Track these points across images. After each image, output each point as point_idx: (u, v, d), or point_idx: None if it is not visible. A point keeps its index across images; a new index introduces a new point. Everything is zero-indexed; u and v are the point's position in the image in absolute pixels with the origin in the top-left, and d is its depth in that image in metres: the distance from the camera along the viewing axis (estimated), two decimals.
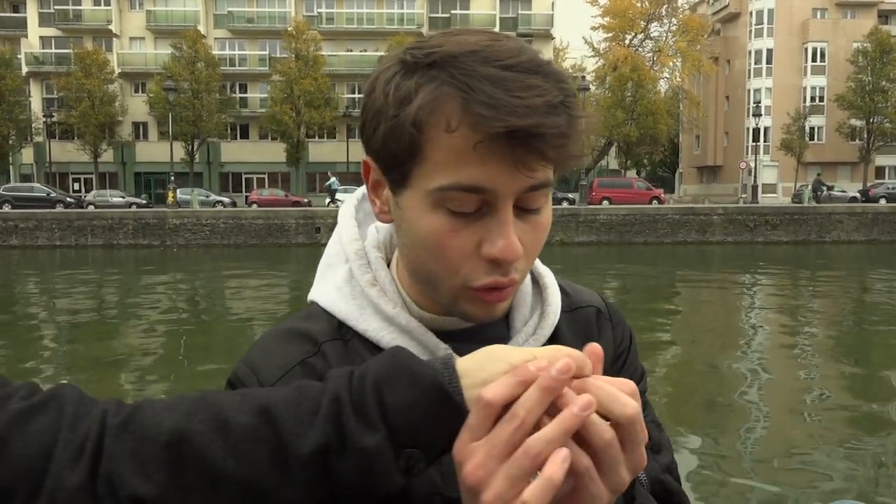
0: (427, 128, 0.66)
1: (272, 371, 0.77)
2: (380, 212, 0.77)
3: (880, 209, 30.83)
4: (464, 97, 0.64)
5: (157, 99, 39.93)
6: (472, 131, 0.64)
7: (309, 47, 41.36)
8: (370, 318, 0.79)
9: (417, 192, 0.69)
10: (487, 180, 0.66)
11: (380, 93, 0.69)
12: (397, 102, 0.67)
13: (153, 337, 10.16)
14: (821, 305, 13.38)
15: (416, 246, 0.72)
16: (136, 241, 27.62)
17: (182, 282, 17.60)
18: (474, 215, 0.68)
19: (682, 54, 46.33)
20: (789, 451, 5.17)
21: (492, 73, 0.64)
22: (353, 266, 0.83)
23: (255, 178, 47.75)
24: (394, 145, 0.68)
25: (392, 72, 0.69)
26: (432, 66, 0.66)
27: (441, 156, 0.66)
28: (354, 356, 0.77)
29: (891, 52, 42.59)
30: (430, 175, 0.67)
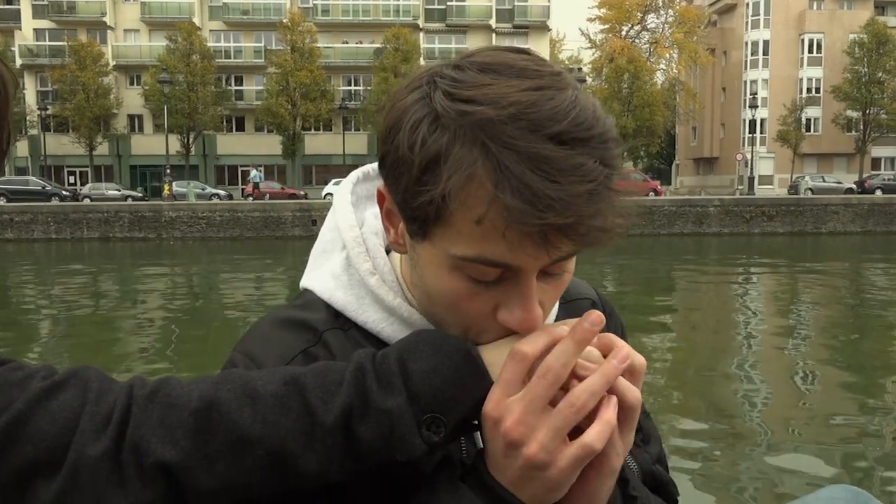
0: (454, 205, 0.60)
1: (272, 361, 0.73)
2: (394, 242, 0.73)
3: (876, 200, 30.89)
4: (498, 185, 0.58)
5: (153, 91, 39.75)
6: (503, 221, 0.59)
7: (304, 39, 41.20)
8: (369, 308, 0.76)
9: (437, 250, 0.65)
10: (514, 259, 0.62)
11: (405, 138, 0.62)
12: (423, 164, 0.61)
13: (150, 330, 10.15)
14: (816, 296, 13.42)
15: (431, 295, 0.69)
16: (132, 234, 27.56)
17: (179, 275, 17.57)
18: (494, 282, 0.64)
19: (679, 46, 46.28)
20: (784, 437, 5.19)
21: (534, 150, 0.57)
22: (351, 254, 0.79)
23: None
24: (416, 205, 0.63)
25: (419, 115, 0.62)
26: (466, 128, 0.59)
27: (467, 229, 0.61)
28: (355, 345, 0.75)
29: (887, 43, 42.60)
30: (452, 241, 0.63)
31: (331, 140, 45.92)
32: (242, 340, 0.78)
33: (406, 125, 0.63)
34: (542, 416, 0.59)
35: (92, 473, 0.60)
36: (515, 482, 0.62)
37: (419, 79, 0.65)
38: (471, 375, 0.63)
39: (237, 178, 46.99)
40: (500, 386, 0.61)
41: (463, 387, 0.62)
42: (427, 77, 0.65)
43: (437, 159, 0.60)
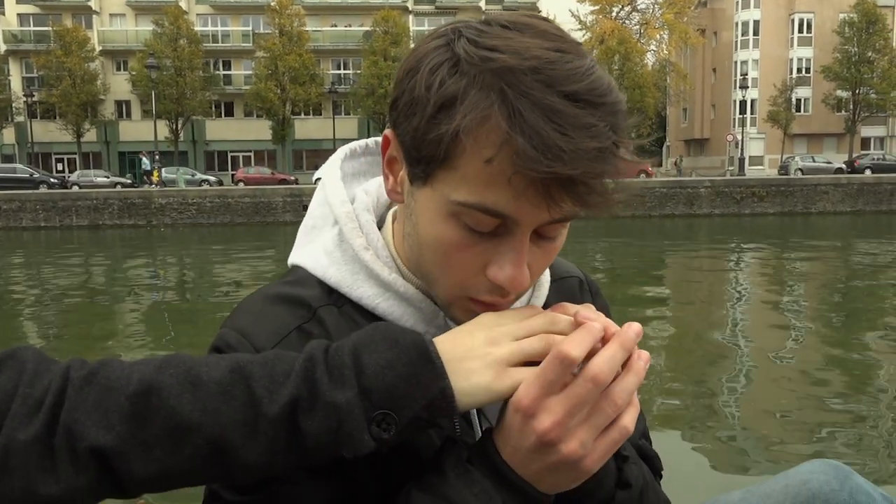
0: (465, 143, 0.61)
1: (266, 336, 0.71)
2: (392, 190, 0.73)
3: (865, 180, 31.02)
4: (511, 128, 0.59)
5: (140, 77, 39.38)
6: (511, 165, 0.60)
7: (293, 23, 40.84)
8: (364, 283, 0.75)
9: (436, 195, 0.65)
10: (515, 211, 0.62)
11: (422, 80, 0.63)
12: (439, 103, 0.62)
13: (140, 316, 10.12)
14: (805, 276, 13.49)
15: (422, 244, 0.69)
16: (122, 221, 27.41)
17: (170, 261, 17.51)
18: (488, 234, 0.65)
19: (669, 26, 46.11)
20: (772, 413, 5.23)
21: (548, 102, 0.59)
22: (344, 229, 0.78)
23: (241, 156, 47.35)
24: (425, 143, 0.64)
25: (440, 59, 0.63)
26: (486, 73, 0.60)
27: (472, 172, 0.62)
28: (350, 322, 0.74)
29: (876, 22, 42.56)
30: (455, 186, 0.63)
31: (321, 124, 45.67)
32: (233, 316, 0.76)
33: (425, 67, 0.63)
34: (583, 417, 0.61)
35: (22, 458, 0.58)
36: (539, 474, 0.63)
37: (443, 29, 0.67)
38: (427, 373, 0.61)
39: (227, 164, 46.74)
40: (540, 384, 0.61)
41: (418, 384, 0.61)
42: (452, 28, 0.66)
43: (453, 100, 0.61)
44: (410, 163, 0.67)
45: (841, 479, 0.87)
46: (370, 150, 0.90)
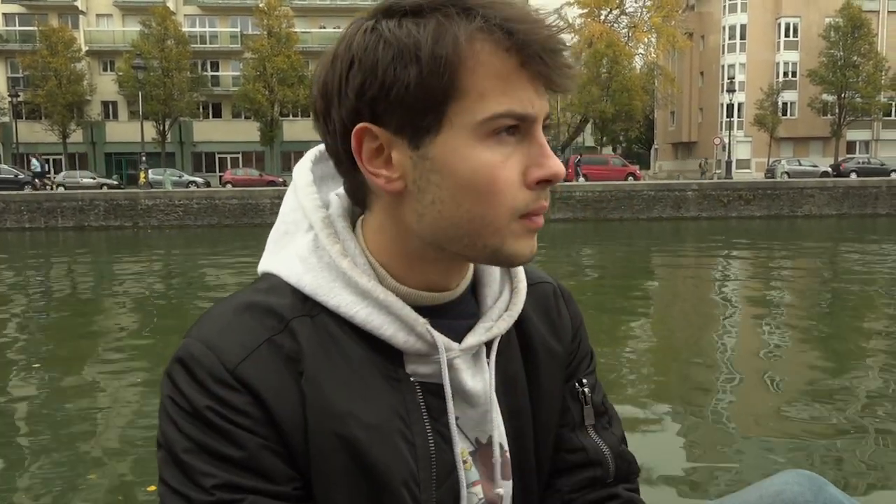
0: (467, 58, 0.65)
1: (234, 350, 0.69)
2: (387, 182, 0.70)
3: (851, 183, 31.27)
4: (499, 20, 0.65)
5: (127, 77, 39.12)
6: (517, 47, 0.65)
7: (281, 24, 40.71)
8: (341, 291, 0.73)
9: (458, 129, 0.66)
10: (531, 104, 0.67)
11: (393, 39, 0.65)
12: (427, 40, 0.64)
13: (126, 319, 10.03)
14: (791, 280, 13.57)
15: (458, 192, 0.68)
16: (108, 222, 27.22)
17: (156, 263, 17.39)
18: (514, 143, 0.68)
19: (657, 30, 46.32)
20: (752, 421, 5.24)
21: (503, 3, 0.66)
22: (320, 235, 0.76)
23: (229, 158, 47.14)
24: (429, 88, 0.65)
25: (394, 21, 0.67)
26: (446, 4, 0.66)
27: (484, 81, 0.65)
28: (323, 333, 0.72)
29: (861, 27, 42.92)
30: (474, 107, 0.66)
31: (309, 126, 45.23)
32: (198, 326, 0.73)
33: (385, 32, 0.66)
34: None
35: None
36: None
37: (359, 19, 0.71)
38: None
39: (215, 166, 46.52)
40: None
41: None
42: (358, 21, 0.71)
43: (437, 34, 0.65)
44: (414, 123, 0.67)
45: (815, 489, 0.87)
46: None
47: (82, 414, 5.60)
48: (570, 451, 0.87)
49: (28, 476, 4.31)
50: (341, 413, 0.69)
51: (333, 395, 0.70)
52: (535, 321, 0.87)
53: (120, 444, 4.88)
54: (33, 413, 5.66)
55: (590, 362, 0.94)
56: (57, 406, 5.78)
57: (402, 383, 0.73)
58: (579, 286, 12.37)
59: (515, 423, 0.82)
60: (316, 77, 0.73)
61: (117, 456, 4.66)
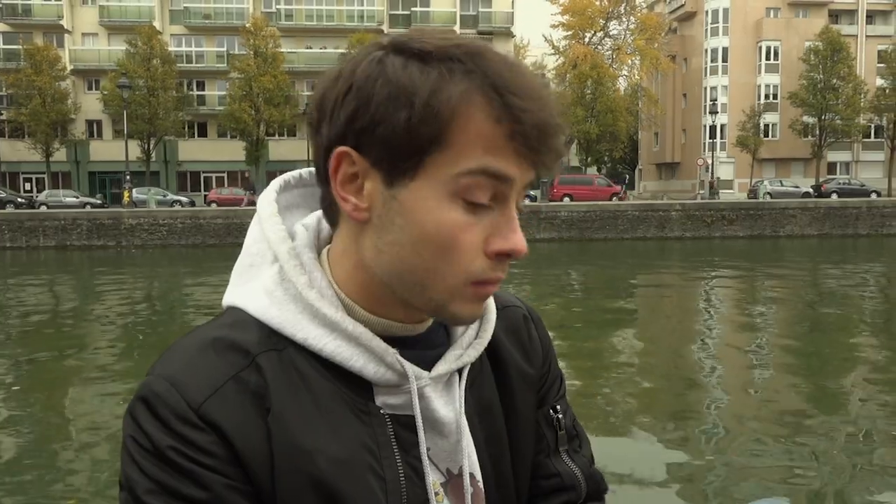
0: (459, 116, 0.65)
1: (199, 387, 0.67)
2: (354, 209, 0.70)
3: (832, 204, 31.65)
4: (500, 89, 0.65)
5: (112, 96, 39.00)
6: (509, 121, 0.65)
7: (268, 44, 40.82)
8: (308, 324, 0.72)
9: (432, 181, 0.66)
10: (513, 170, 0.67)
11: (394, 79, 0.66)
12: (425, 90, 0.65)
13: (107, 339, 9.92)
14: (773, 299, 13.65)
15: (418, 242, 0.68)
16: (91, 241, 26.98)
17: (139, 283, 17.23)
18: (484, 210, 0.68)
19: (641, 52, 46.93)
20: (726, 448, 5.24)
21: (509, 71, 0.67)
22: (285, 267, 0.74)
23: (214, 177, 46.99)
24: (415, 133, 0.65)
25: (401, 60, 0.67)
26: (453, 59, 0.66)
27: (469, 140, 0.65)
28: (290, 368, 0.70)
29: (841, 50, 43.68)
30: (453, 161, 0.66)
31: (295, 146, 45.53)
32: (162, 363, 0.70)
33: (389, 69, 0.66)
34: None
35: None
36: None
37: (367, 47, 0.70)
38: None
39: (200, 185, 46.34)
40: None
41: None
42: (377, 43, 0.70)
43: (437, 85, 0.65)
44: (393, 163, 0.67)
45: None
46: (304, 182, 0.87)
47: (63, 435, 5.51)
48: (545, 478, 0.88)
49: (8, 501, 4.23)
50: (309, 450, 0.68)
51: (301, 431, 0.68)
52: (507, 345, 0.86)
53: (99, 469, 4.80)
54: (13, 435, 5.56)
55: (560, 386, 0.94)
56: (35, 427, 5.69)
57: (371, 416, 0.72)
58: (565, 303, 12.38)
59: (493, 449, 0.81)
60: (318, 89, 0.73)
61: (96, 479, 4.58)
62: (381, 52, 0.68)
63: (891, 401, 6.38)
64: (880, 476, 4.58)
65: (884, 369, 7.63)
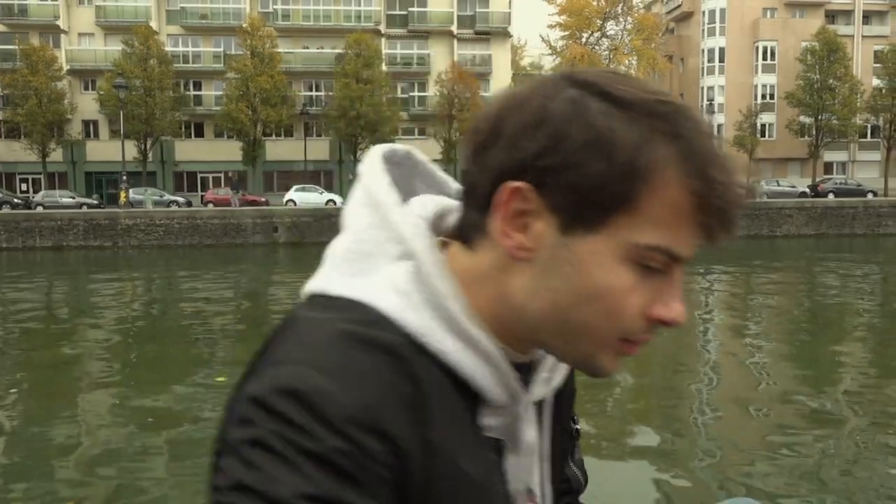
0: (655, 180, 0.61)
1: (365, 389, 0.59)
2: (518, 248, 0.65)
3: (829, 203, 31.69)
4: (702, 161, 0.62)
5: (108, 97, 38.89)
6: (706, 196, 0.62)
7: (264, 44, 40.76)
8: (445, 334, 0.66)
9: (612, 240, 0.63)
10: (690, 249, 0.64)
11: (595, 125, 0.62)
12: (628, 144, 0.61)
13: (104, 341, 9.88)
14: (770, 299, 13.65)
15: (583, 297, 0.64)
16: (87, 242, 26.91)
17: (136, 284, 17.19)
18: (653, 273, 0.64)
19: (638, 52, 46.96)
20: (704, 450, 5.23)
21: (711, 144, 0.63)
22: (424, 268, 0.67)
23: (211, 178, 46.93)
24: (607, 188, 0.61)
25: (603, 106, 0.62)
26: (658, 116, 0.62)
27: (659, 209, 0.62)
28: (437, 379, 0.65)
29: (837, 50, 43.74)
30: (638, 228, 0.62)
31: (292, 146, 45.49)
32: (303, 353, 0.61)
33: (591, 115, 0.62)
34: None
35: None
36: None
37: (559, 76, 0.66)
38: None
39: (196, 185, 46.27)
40: None
41: None
42: (569, 75, 0.66)
43: (639, 142, 0.61)
44: (576, 212, 0.63)
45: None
46: (409, 162, 0.80)
47: (60, 441, 5.48)
48: (560, 483, 0.89)
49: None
50: (456, 471, 0.64)
51: (453, 450, 0.63)
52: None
53: (97, 471, 4.77)
54: (11, 440, 5.53)
55: (574, 395, 0.94)
56: (34, 433, 5.66)
57: (481, 436, 0.69)
58: None
59: (545, 465, 0.82)
60: (494, 107, 0.67)
61: (95, 482, 4.56)
62: (577, 91, 0.64)
63: (883, 409, 6.38)
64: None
65: (878, 378, 7.63)
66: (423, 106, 46.11)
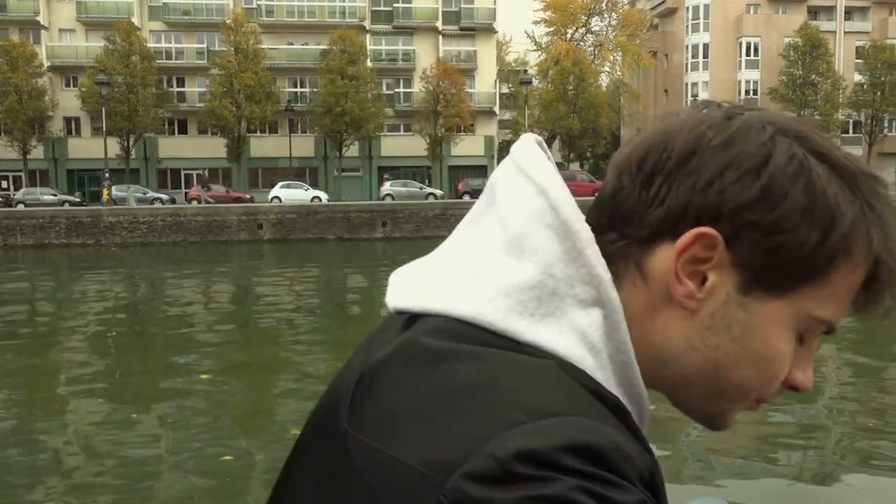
0: (852, 259, 0.58)
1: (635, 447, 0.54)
2: (688, 296, 0.59)
3: None
4: (884, 249, 0.59)
5: (90, 93, 38.58)
6: (874, 280, 0.60)
7: (248, 40, 40.56)
8: (618, 390, 0.60)
9: (791, 309, 0.59)
10: (841, 320, 0.63)
11: (819, 192, 0.57)
12: (847, 219, 0.58)
13: (87, 341, 9.77)
14: None
15: (748, 361, 0.61)
16: (70, 240, 26.66)
17: (118, 282, 17.03)
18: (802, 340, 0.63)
19: (623, 48, 47.15)
20: (678, 442, 5.26)
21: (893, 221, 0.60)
22: (613, 320, 0.60)
23: (195, 175, 46.62)
24: (811, 258, 0.58)
25: (826, 172, 0.58)
26: (870, 193, 0.59)
27: (838, 289, 0.59)
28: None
29: (819, 46, 44.15)
30: (821, 302, 0.59)
31: (277, 142, 45.29)
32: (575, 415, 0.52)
33: (816, 176, 0.58)
34: None
35: None
36: None
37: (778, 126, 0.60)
38: None
39: (180, 182, 45.96)
40: None
41: None
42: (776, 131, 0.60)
43: (852, 225, 0.58)
44: (764, 275, 0.59)
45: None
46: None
47: (42, 440, 5.41)
48: None
49: None
50: None
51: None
52: None
53: (81, 469, 4.72)
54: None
55: None
56: (15, 435, 5.59)
57: None
58: None
59: None
60: (670, 133, 0.63)
61: (80, 480, 4.50)
62: (795, 145, 0.59)
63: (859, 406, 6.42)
64: None
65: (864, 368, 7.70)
66: (408, 102, 46.01)
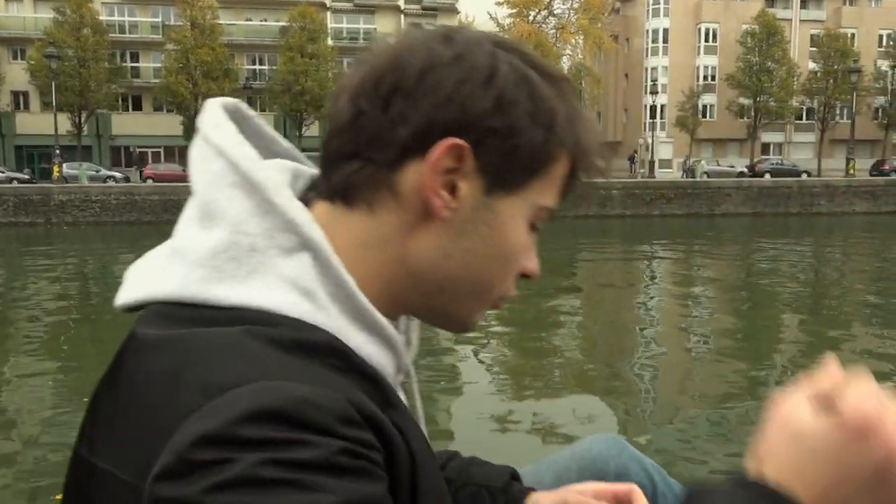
0: (568, 152, 0.66)
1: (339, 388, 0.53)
2: (443, 207, 0.62)
3: (765, 183, 32.65)
4: (584, 136, 0.67)
5: (39, 67, 37.22)
6: (584, 172, 0.68)
7: (205, 15, 39.55)
8: (354, 331, 0.60)
9: (524, 203, 0.65)
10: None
11: (540, 96, 0.63)
12: (562, 117, 0.65)
13: (36, 326, 9.52)
14: (712, 274, 14.03)
15: (497, 256, 0.65)
16: (18, 218, 25.85)
17: (69, 263, 16.61)
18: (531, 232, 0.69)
19: (584, 32, 47.23)
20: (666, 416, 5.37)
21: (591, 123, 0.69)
22: (324, 259, 0.60)
23: (150, 152, 45.54)
24: (540, 154, 0.64)
25: (540, 78, 0.64)
26: (564, 93, 0.66)
27: (556, 177, 0.66)
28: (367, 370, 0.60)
29: (776, 34, 44.86)
30: (544, 192, 0.66)
31: None
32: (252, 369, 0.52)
33: (529, 86, 0.63)
34: None
35: None
36: None
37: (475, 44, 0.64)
38: None
39: (135, 160, 44.84)
40: None
41: None
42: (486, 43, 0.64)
43: (567, 121, 0.65)
44: (507, 175, 0.63)
45: (618, 448, 1.02)
46: (240, 116, 0.71)
47: None
48: None
49: None
50: (419, 452, 0.60)
51: (408, 432, 0.59)
52: None
53: (27, 452, 4.61)
54: None
55: None
56: None
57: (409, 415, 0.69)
58: None
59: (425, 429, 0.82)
60: (401, 54, 0.63)
61: (24, 464, 4.39)
62: (514, 57, 0.64)
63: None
64: None
65: (810, 346, 7.93)
66: None
